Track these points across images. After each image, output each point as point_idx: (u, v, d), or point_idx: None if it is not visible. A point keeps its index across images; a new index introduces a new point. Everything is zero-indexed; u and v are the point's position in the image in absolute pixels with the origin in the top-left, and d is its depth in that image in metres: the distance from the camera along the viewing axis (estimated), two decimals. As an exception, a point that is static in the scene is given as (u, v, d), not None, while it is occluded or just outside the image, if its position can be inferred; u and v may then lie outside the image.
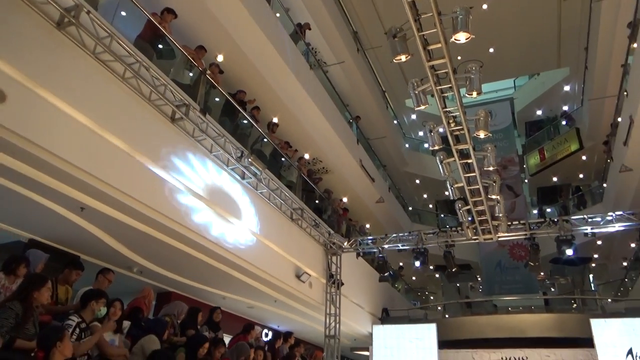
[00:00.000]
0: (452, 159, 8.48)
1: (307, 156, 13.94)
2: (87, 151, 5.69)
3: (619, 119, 14.08)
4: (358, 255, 13.28)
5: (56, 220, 6.52)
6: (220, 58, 10.07)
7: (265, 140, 10.88)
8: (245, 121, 10.25)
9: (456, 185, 9.36)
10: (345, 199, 15.86)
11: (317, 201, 13.20)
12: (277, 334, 9.14)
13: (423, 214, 23.42)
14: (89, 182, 5.76)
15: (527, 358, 13.27)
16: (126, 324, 5.31)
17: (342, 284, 12.25)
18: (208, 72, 8.85)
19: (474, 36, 6.02)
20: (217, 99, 9.78)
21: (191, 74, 8.57)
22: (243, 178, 9.04)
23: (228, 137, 8.43)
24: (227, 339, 7.38)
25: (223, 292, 10.15)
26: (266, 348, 7.48)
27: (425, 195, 23.74)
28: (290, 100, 12.09)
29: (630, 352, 11.49)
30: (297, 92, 12.05)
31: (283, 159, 11.63)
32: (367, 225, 17.29)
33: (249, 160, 8.52)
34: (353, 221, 15.44)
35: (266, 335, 12.45)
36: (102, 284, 5.45)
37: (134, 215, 6.66)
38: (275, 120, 12.10)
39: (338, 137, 14.07)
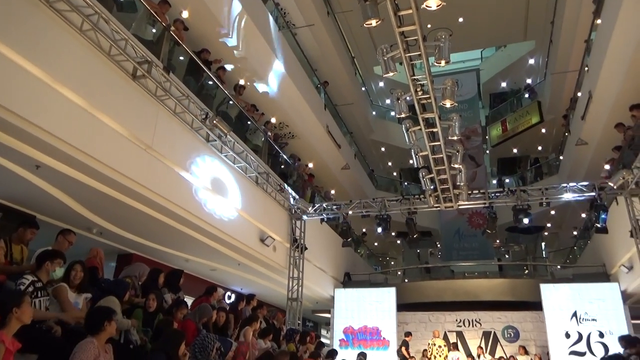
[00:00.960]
0: (418, 127, 8.56)
1: (273, 120, 13.77)
2: (41, 106, 5.42)
3: (579, 94, 14.49)
4: (322, 220, 13.42)
5: (9, 178, 6.24)
6: (185, 14, 9.66)
7: (231, 102, 10.65)
8: (210, 82, 9.97)
9: (421, 154, 9.48)
10: (311, 165, 15.86)
11: (282, 166, 13.15)
12: (240, 296, 9.20)
13: (387, 182, 23.75)
14: (43, 139, 5.51)
15: (480, 320, 13.96)
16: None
17: (306, 248, 12.39)
18: (172, 28, 8.49)
19: (444, 3, 5.98)
20: (181, 58, 9.43)
21: (154, 30, 8.19)
22: (208, 140, 8.87)
23: (192, 98, 8.20)
24: (189, 301, 7.37)
25: (186, 254, 10.10)
26: (228, 310, 7.52)
27: (390, 163, 24.02)
28: (257, 62, 11.82)
29: (574, 314, 12.25)
30: (265, 53, 11.78)
31: (249, 123, 11.44)
32: (332, 192, 17.41)
33: (214, 122, 8.34)
34: (318, 187, 15.50)
35: (229, 297, 12.54)
36: (61, 245, 5.28)
37: (93, 175, 6.46)
38: (241, 82, 11.82)
39: (305, 101, 13.92)
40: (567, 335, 12.08)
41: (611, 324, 11.79)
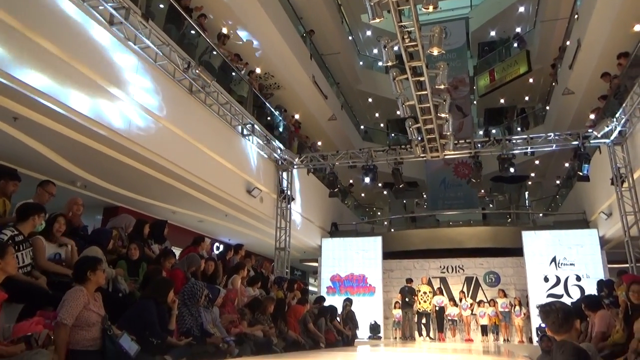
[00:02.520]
0: (405, 76, 8.45)
1: (258, 71, 13.48)
2: (15, 55, 5.21)
3: (568, 43, 14.34)
4: (309, 171, 13.45)
5: (-14, 130, 6.10)
6: (162, -42, 9.21)
7: (214, 52, 10.36)
8: (192, 31, 9.65)
9: (407, 103, 9.42)
10: (297, 116, 15.70)
11: (268, 117, 13.00)
12: (227, 246, 9.32)
13: (374, 133, 23.69)
14: (20, 89, 5.34)
15: (463, 266, 14.40)
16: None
17: (293, 199, 12.47)
18: (149, -28, 8.10)
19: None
20: (161, 5, 9.07)
21: (130, -26, 7.81)
22: (191, 91, 8.69)
23: (173, 46, 7.95)
24: (177, 252, 7.46)
25: (173, 206, 10.11)
26: (217, 259, 7.64)
27: (377, 114, 23.88)
28: (241, 9, 11.42)
29: (554, 259, 12.69)
30: (248, 0, 11.37)
31: (233, 73, 11.19)
32: (319, 143, 17.35)
33: (197, 71, 8.14)
34: (305, 138, 15.43)
35: (217, 248, 12.71)
36: (42, 197, 5.22)
37: (72, 126, 6.32)
38: (224, 31, 11.46)
39: (290, 51, 13.59)
40: (546, 279, 12.56)
41: (588, 268, 12.26)
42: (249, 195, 10.66)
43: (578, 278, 12.31)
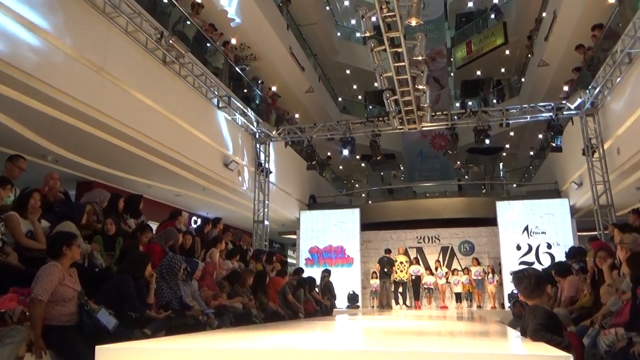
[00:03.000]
0: (383, 47, 8.37)
1: (234, 41, 13.17)
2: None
3: (544, 14, 14.40)
4: (287, 144, 13.38)
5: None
6: None
7: (188, 22, 10.05)
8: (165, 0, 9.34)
9: (385, 75, 9.37)
10: (274, 88, 15.49)
11: (245, 90, 12.79)
12: (205, 220, 9.26)
13: (352, 105, 23.59)
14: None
15: (439, 236, 14.70)
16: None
17: (271, 172, 12.42)
18: None
19: None
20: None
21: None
22: (165, 62, 8.46)
23: (145, 15, 7.69)
24: (154, 226, 7.37)
25: (148, 180, 9.95)
26: (195, 233, 7.60)
27: (355, 86, 23.74)
28: (214, -24, 11.07)
29: (526, 228, 13.05)
30: (222, -33, 11.02)
31: (208, 44, 10.91)
32: (297, 115, 17.21)
33: (170, 42, 7.90)
34: (282, 110, 15.27)
35: (195, 222, 12.63)
36: (11, 172, 5.07)
37: (41, 99, 6.10)
38: (198, 0, 11.10)
39: (267, 21, 13.29)
40: (518, 248, 12.94)
41: (559, 236, 12.66)
42: (226, 168, 10.56)
43: (549, 246, 12.71)
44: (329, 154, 19.18)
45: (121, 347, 2.57)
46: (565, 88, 12.48)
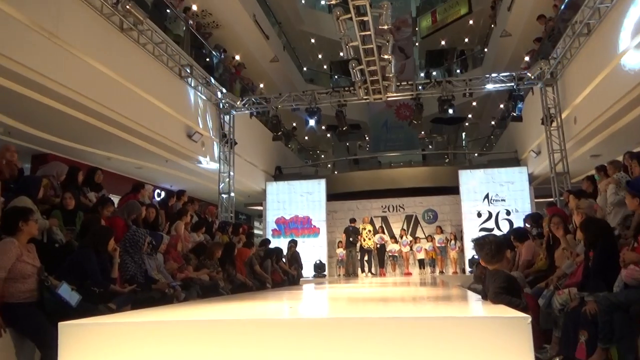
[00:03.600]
0: (349, 15, 8.25)
1: (195, 8, 12.69)
2: None
3: (507, -17, 14.48)
4: (251, 114, 13.18)
5: None
6: None
7: (145, -15, 9.60)
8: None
9: (351, 44, 9.27)
10: (238, 57, 15.12)
11: (207, 59, 12.43)
12: (169, 193, 9.10)
13: (317, 75, 23.35)
14: None
15: (403, 205, 14.98)
16: None
17: (236, 143, 12.25)
18: None
19: None
20: None
21: None
22: (122, 29, 8.08)
23: (98, -22, 7.28)
24: (115, 199, 7.18)
25: (108, 152, 9.64)
26: (159, 206, 7.45)
27: (320, 56, 23.44)
28: (172, -63, 10.54)
29: (487, 196, 13.44)
30: None
31: (168, 11, 10.48)
32: (261, 85, 16.92)
33: (127, 7, 7.55)
34: (247, 80, 14.96)
35: (159, 195, 12.40)
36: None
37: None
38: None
39: (229, -14, 12.86)
40: (479, 215, 13.35)
41: (517, 203, 13.12)
42: (189, 139, 10.34)
43: (508, 213, 13.17)
44: (294, 124, 19.04)
45: (85, 323, 2.52)
46: (527, 58, 12.71)
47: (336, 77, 22.71)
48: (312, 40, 21.85)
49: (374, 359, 2.17)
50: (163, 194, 12.41)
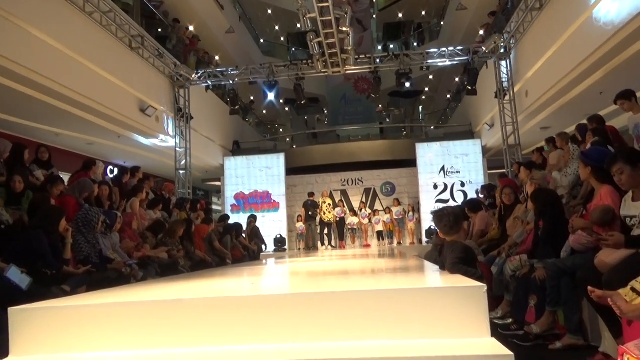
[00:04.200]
0: (306, -15, 8.10)
1: (143, -26, 12.07)
2: None
3: (463, -44, 14.53)
4: (207, 88, 12.84)
5: None
6: None
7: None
8: None
9: (309, 16, 9.13)
10: (192, 28, 14.59)
11: (159, 29, 11.93)
12: (123, 169, 8.79)
13: (275, 47, 22.91)
14: None
15: (362, 179, 15.14)
16: None
17: (192, 117, 11.94)
18: None
19: None
20: None
21: None
22: (65, -5, 7.61)
23: (37, -61, 6.78)
24: (65, 177, 6.88)
25: (56, 128, 9.19)
26: (112, 184, 7.20)
27: (277, 27, 22.96)
28: None
29: (442, 168, 13.78)
30: None
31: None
32: (217, 57, 16.45)
33: (69, -28, 7.09)
34: (202, 53, 14.50)
35: (112, 172, 11.99)
36: None
37: None
38: None
39: (180, -48, 12.29)
40: (435, 187, 13.70)
41: (471, 175, 13.53)
42: (143, 114, 9.99)
43: (462, 184, 13.57)
44: (252, 98, 18.72)
45: (37, 307, 2.42)
46: (481, 32, 12.92)
47: (294, 49, 22.36)
48: (269, 11, 21.35)
49: (337, 333, 2.20)
50: (116, 170, 12.00)
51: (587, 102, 8.82)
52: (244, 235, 10.11)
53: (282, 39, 23.48)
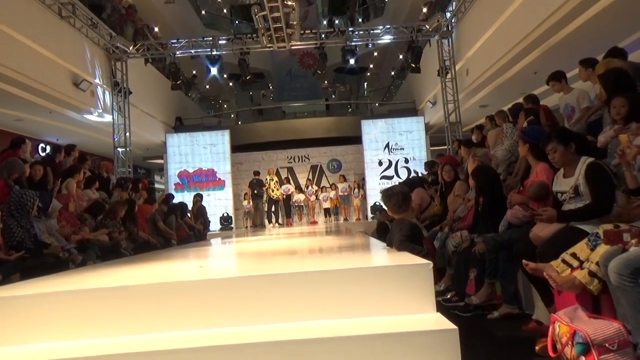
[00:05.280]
0: (249, -44, 7.83)
1: None
2: None
3: None
4: (147, 61, 12.26)
5: None
6: None
7: None
8: None
9: (252, -12, 8.86)
10: (127, -4, 13.78)
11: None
12: (57, 147, 8.28)
13: (217, 20, 22.15)
14: None
15: (308, 156, 15.16)
16: None
17: (130, 92, 11.40)
18: None
19: None
20: None
21: None
22: (-18, -44, 6.94)
23: None
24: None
25: (-22, 103, 8.50)
26: (45, 163, 6.77)
27: (219, -1, 22.19)
28: None
29: (387, 145, 14.03)
30: None
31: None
32: (156, 29, 15.68)
33: None
34: (141, 24, 13.74)
35: (43, 150, 11.30)
36: None
37: None
38: None
39: None
40: (380, 164, 13.95)
41: (415, 152, 13.88)
42: (76, 88, 9.42)
43: (406, 160, 13.90)
44: (194, 72, 18.09)
45: (-35, 299, 2.25)
46: (424, 10, 13.08)
47: (237, 22, 21.74)
48: (211, -19, 20.55)
49: (287, 315, 2.21)
50: (48, 148, 11.32)
51: (523, 82, 9.22)
52: (189, 214, 9.89)
53: (225, 11, 22.73)
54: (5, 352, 2.14)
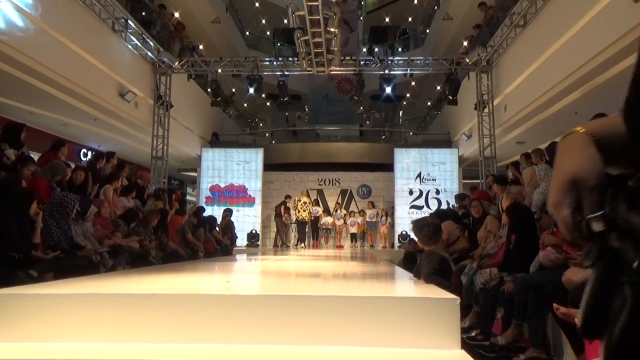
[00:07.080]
0: (296, -17, 8.07)
1: (131, -44, 11.82)
2: None
3: (453, -33, 14.71)
4: (190, 77, 12.66)
5: None
6: None
7: None
8: None
9: (297, 13, 9.10)
10: (177, 14, 14.35)
11: (144, 13, 11.70)
12: (99, 154, 8.59)
13: (260, 41, 22.74)
14: None
15: (339, 179, 15.19)
16: None
17: (172, 105, 11.77)
18: None
19: None
20: None
21: None
22: (48, -29, 7.39)
23: None
24: (35, 157, 6.69)
25: (29, 106, 8.93)
26: (86, 168, 7.03)
27: (263, 21, 22.80)
28: None
29: (419, 175, 13.94)
30: None
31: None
32: (201, 47, 16.23)
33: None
34: (187, 41, 14.28)
35: (85, 155, 11.72)
36: None
37: None
38: None
39: (171, -63, 12.08)
40: (411, 193, 13.84)
41: (446, 183, 13.73)
42: (122, 99, 9.80)
43: (437, 192, 13.76)
44: (233, 90, 18.55)
45: (2, 293, 2.35)
46: (465, 43, 13.11)
47: (279, 44, 22.24)
48: (257, 4, 21.17)
49: (309, 337, 2.21)
50: (90, 154, 11.74)
51: (563, 121, 9.05)
52: (217, 229, 10.03)
53: (268, 33, 23.33)
54: (38, 347, 2.21)
